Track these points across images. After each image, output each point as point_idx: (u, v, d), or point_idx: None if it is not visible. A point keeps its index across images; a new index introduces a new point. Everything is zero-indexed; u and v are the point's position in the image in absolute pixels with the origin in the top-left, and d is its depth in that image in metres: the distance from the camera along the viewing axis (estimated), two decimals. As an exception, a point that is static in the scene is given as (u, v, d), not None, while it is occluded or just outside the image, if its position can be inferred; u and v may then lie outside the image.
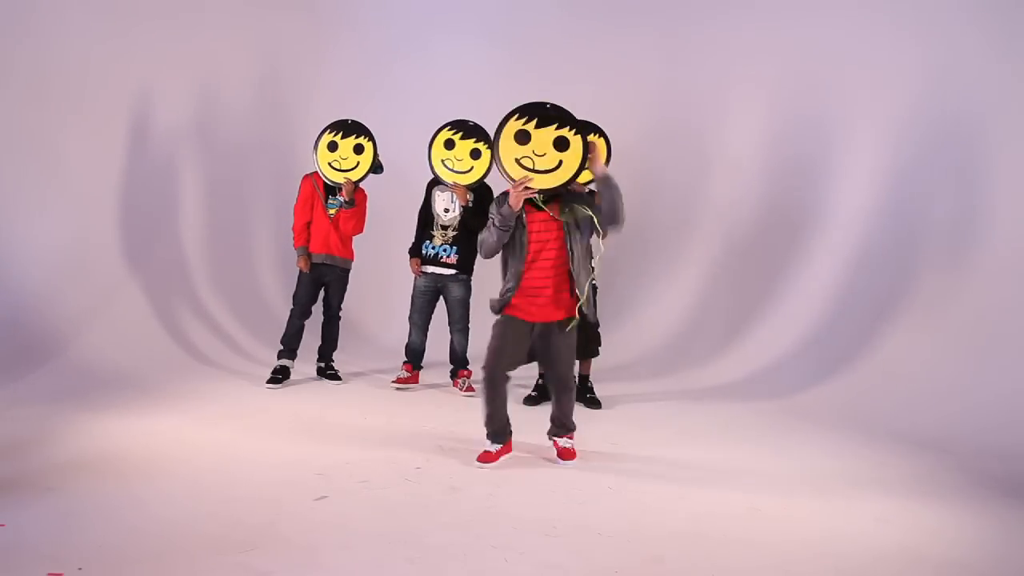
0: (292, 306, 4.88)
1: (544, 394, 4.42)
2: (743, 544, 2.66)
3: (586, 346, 4.41)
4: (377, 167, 4.78)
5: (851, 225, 5.48)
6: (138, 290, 5.36)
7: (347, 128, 4.74)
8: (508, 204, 3.29)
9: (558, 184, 3.31)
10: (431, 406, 4.46)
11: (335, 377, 4.96)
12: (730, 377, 5.31)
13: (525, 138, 3.32)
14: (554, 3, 6.59)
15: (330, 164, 4.72)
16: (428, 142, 4.70)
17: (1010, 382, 4.28)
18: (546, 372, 3.55)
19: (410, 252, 4.89)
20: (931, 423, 4.23)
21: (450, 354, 4.93)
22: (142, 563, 2.30)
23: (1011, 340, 4.45)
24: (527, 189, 3.27)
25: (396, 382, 4.84)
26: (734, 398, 4.92)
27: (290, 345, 4.83)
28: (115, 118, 5.42)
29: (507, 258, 3.39)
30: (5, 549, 2.32)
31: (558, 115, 3.34)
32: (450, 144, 4.65)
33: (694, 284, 6.11)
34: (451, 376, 4.95)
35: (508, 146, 3.33)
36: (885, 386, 4.69)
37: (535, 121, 3.32)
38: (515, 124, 3.34)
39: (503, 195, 3.36)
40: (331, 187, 4.79)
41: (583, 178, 3.60)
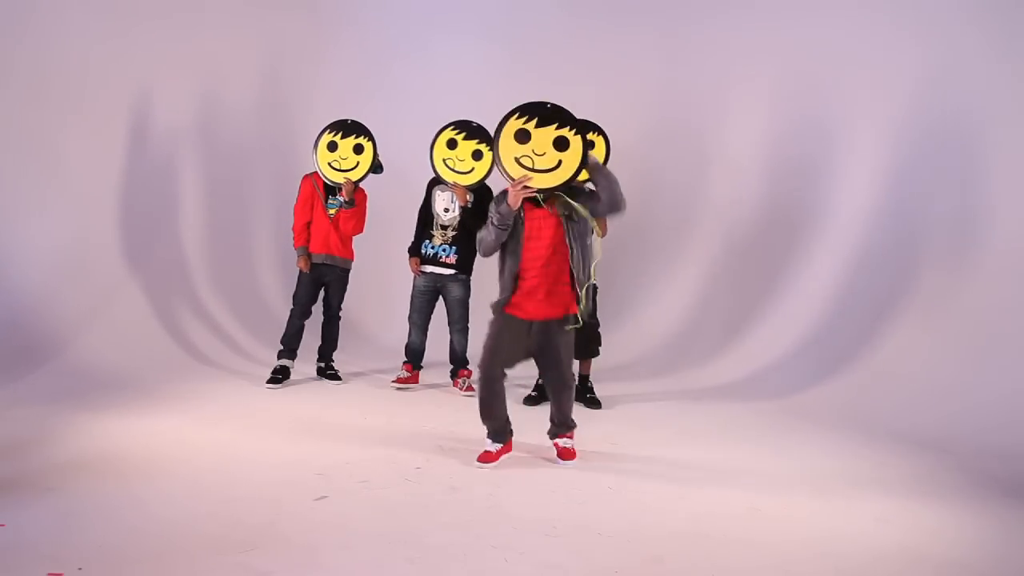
0: (292, 306, 4.89)
1: (544, 394, 4.42)
2: (743, 544, 2.66)
3: (586, 346, 4.42)
4: (377, 167, 4.78)
5: (851, 225, 5.48)
6: (138, 290, 5.36)
7: (347, 128, 4.74)
8: (507, 203, 3.29)
9: (557, 183, 3.31)
10: (431, 406, 4.46)
11: (335, 377, 4.96)
12: (730, 377, 5.30)
13: (525, 137, 3.32)
14: (554, 3, 6.59)
15: (330, 164, 4.72)
16: (430, 141, 4.70)
17: (1010, 382, 4.28)
18: (544, 373, 3.55)
19: (409, 251, 4.89)
20: (931, 423, 4.23)
21: (450, 354, 4.93)
22: (142, 563, 2.30)
23: (1011, 340, 4.45)
24: (526, 188, 3.28)
25: (396, 382, 4.84)
26: (734, 398, 4.92)
27: (290, 345, 4.83)
28: (115, 118, 5.42)
29: (505, 256, 3.39)
30: (5, 549, 2.32)
31: (558, 115, 3.34)
32: (452, 144, 4.65)
33: (694, 284, 6.11)
34: (451, 376, 4.95)
35: (508, 145, 3.33)
36: (885, 386, 4.69)
37: (535, 120, 3.32)
38: (515, 123, 3.34)
39: (502, 194, 3.36)
40: (331, 187, 4.78)
41: (583, 177, 3.59)
